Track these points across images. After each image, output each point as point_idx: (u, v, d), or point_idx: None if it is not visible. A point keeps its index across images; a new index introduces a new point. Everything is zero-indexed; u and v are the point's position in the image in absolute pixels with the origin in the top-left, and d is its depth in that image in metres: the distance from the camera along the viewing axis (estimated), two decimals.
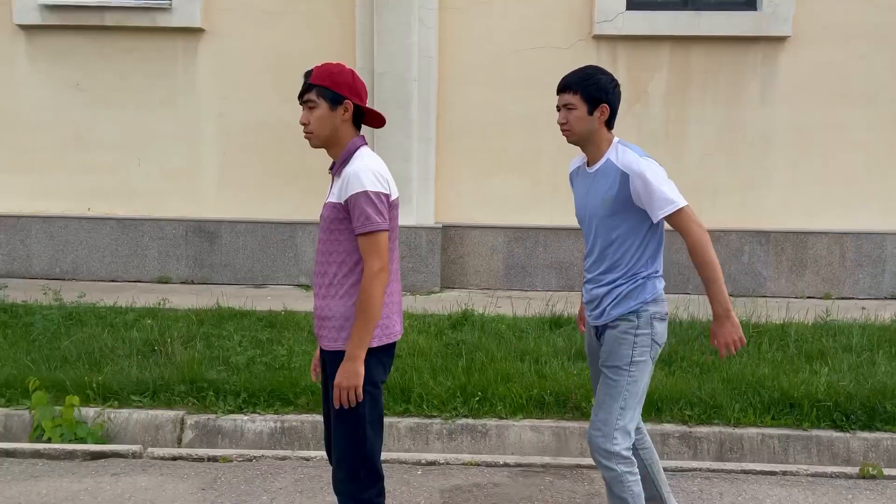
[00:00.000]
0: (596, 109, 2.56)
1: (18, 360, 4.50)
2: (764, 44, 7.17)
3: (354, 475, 2.27)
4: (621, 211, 2.58)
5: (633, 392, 2.55)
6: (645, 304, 2.57)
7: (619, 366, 2.55)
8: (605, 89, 2.58)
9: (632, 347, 2.55)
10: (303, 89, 2.36)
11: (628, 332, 2.56)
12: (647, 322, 2.57)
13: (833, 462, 3.89)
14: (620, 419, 2.52)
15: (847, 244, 7.22)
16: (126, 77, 7.35)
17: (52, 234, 7.39)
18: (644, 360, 2.57)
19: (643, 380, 2.59)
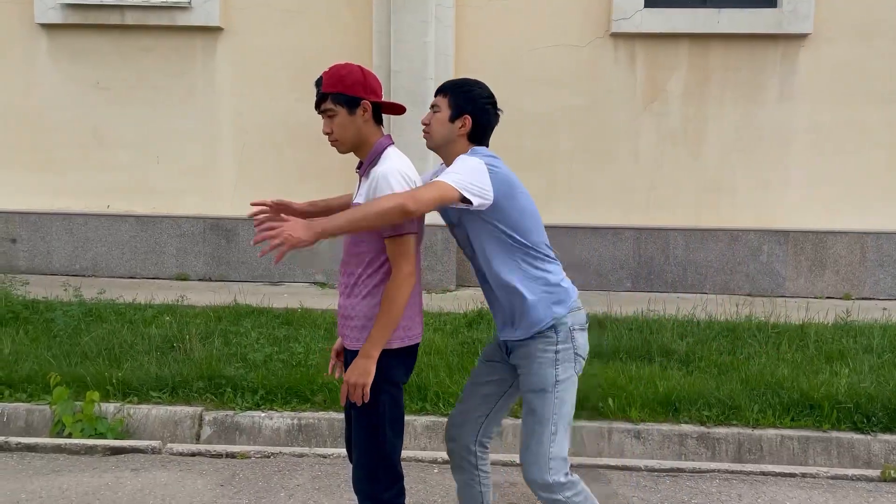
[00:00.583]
0: (458, 119, 2.44)
1: (39, 356, 4.55)
2: (784, 41, 7.10)
3: (373, 474, 2.27)
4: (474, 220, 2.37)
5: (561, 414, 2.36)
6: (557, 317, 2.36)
7: (542, 389, 2.35)
8: (473, 101, 2.44)
9: (553, 366, 2.35)
10: (318, 99, 2.34)
11: (548, 350, 2.35)
12: (566, 335, 2.37)
13: (853, 464, 3.84)
14: (554, 447, 2.33)
15: (867, 244, 7.14)
16: (145, 75, 7.41)
17: (72, 232, 7.47)
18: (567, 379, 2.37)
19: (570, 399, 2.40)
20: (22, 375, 4.27)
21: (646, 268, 7.27)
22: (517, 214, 2.36)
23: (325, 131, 2.34)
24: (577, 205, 7.34)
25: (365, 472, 2.28)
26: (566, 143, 7.31)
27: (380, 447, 2.27)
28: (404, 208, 2.10)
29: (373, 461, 2.27)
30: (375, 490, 2.26)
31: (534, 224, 2.41)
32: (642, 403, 4.12)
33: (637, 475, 3.58)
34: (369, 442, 2.28)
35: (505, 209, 2.33)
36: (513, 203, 2.35)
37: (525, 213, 2.39)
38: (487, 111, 2.47)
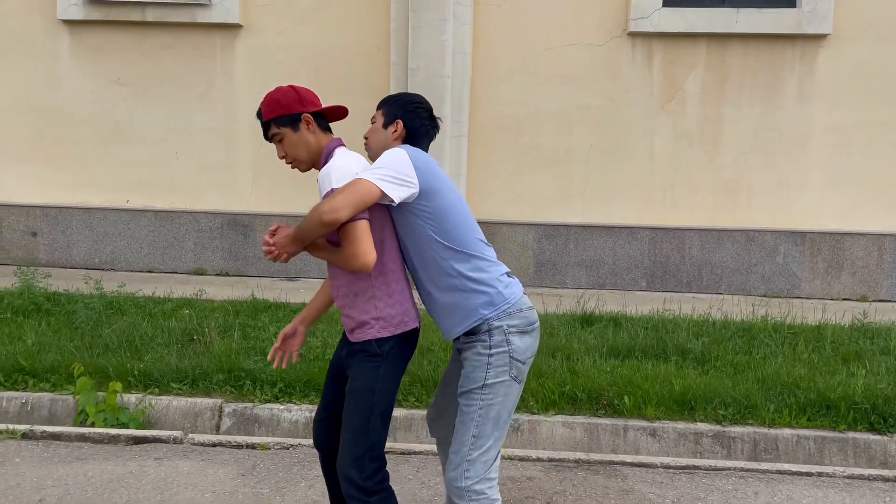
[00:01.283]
0: (391, 125, 2.45)
1: (62, 347, 4.63)
2: (802, 42, 7.08)
3: (359, 461, 2.30)
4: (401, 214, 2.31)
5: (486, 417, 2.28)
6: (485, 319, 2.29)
7: (470, 390, 2.30)
8: (402, 106, 2.46)
9: (484, 369, 2.29)
10: (263, 130, 2.42)
11: (481, 353, 2.29)
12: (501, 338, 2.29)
13: (870, 465, 3.84)
14: (474, 450, 2.26)
15: (885, 246, 7.10)
16: (165, 72, 7.49)
17: (92, 226, 7.57)
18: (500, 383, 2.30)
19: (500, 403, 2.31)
20: (45, 366, 4.34)
21: (661, 267, 7.27)
22: (443, 209, 2.28)
23: (280, 156, 2.42)
24: (593, 203, 7.36)
25: (351, 459, 2.30)
26: (583, 142, 7.32)
27: (368, 435, 2.31)
28: (322, 220, 2.14)
29: (360, 448, 2.30)
30: (360, 477, 2.28)
31: (461, 220, 2.32)
32: (658, 401, 4.13)
33: (653, 472, 3.60)
34: (359, 430, 2.31)
35: (430, 202, 2.27)
36: (438, 197, 2.28)
37: (452, 208, 2.30)
38: (419, 115, 2.46)
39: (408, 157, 2.24)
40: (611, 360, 4.73)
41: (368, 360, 2.34)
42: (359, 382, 2.35)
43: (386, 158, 2.25)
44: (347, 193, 2.15)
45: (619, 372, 4.44)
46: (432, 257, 2.30)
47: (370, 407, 2.32)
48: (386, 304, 2.34)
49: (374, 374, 2.34)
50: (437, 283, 2.32)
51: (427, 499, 3.22)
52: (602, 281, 7.32)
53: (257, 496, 3.19)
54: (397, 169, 2.21)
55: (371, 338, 2.34)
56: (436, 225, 2.28)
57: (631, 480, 3.48)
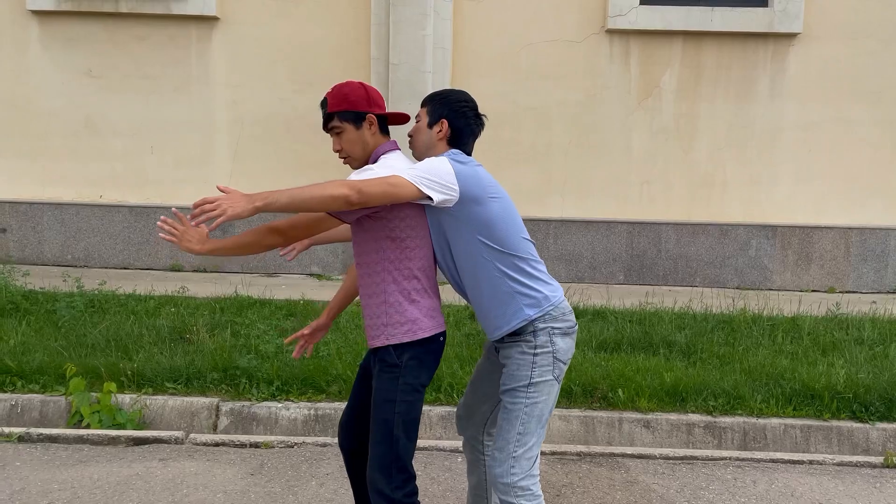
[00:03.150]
0: (436, 124, 2.43)
1: (48, 347, 4.52)
2: (774, 40, 7.28)
3: (387, 472, 2.29)
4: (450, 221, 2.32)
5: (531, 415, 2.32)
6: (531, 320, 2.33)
7: (515, 388, 2.34)
8: (448, 104, 2.44)
9: (530, 368, 2.33)
10: (325, 119, 2.39)
11: (526, 353, 2.34)
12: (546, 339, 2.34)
13: (853, 451, 4.01)
14: (519, 447, 2.30)
15: (852, 239, 7.37)
16: (139, 64, 7.33)
17: (64, 221, 7.38)
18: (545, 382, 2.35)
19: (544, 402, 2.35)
20: (33, 367, 4.24)
21: (638, 261, 7.42)
22: (489, 214, 2.29)
23: (336, 149, 2.39)
24: (571, 198, 7.46)
25: (379, 471, 2.30)
26: (561, 138, 7.41)
27: (392, 446, 2.30)
28: (348, 199, 2.08)
29: (387, 459, 2.30)
30: (389, 489, 2.28)
31: (508, 224, 2.33)
32: (650, 394, 4.23)
33: (654, 463, 3.69)
34: (384, 439, 2.31)
35: (476, 208, 2.28)
36: (485, 202, 2.29)
37: (499, 212, 2.32)
38: (464, 114, 2.44)
39: (450, 166, 2.26)
40: (601, 353, 4.82)
41: (388, 370, 2.32)
42: (379, 393, 2.33)
43: (423, 163, 2.27)
44: (379, 181, 2.14)
45: (611, 365, 4.53)
46: (480, 260, 2.31)
47: (391, 419, 2.30)
48: (396, 311, 2.30)
49: (394, 386, 2.30)
50: (484, 286, 2.33)
51: (439, 494, 3.26)
52: (581, 275, 7.43)
53: (270, 495, 3.19)
54: (437, 174, 2.22)
55: (382, 344, 2.32)
56: (482, 230, 2.29)
57: (633, 472, 3.57)
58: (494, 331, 2.37)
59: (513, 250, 2.32)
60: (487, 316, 2.38)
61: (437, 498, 3.23)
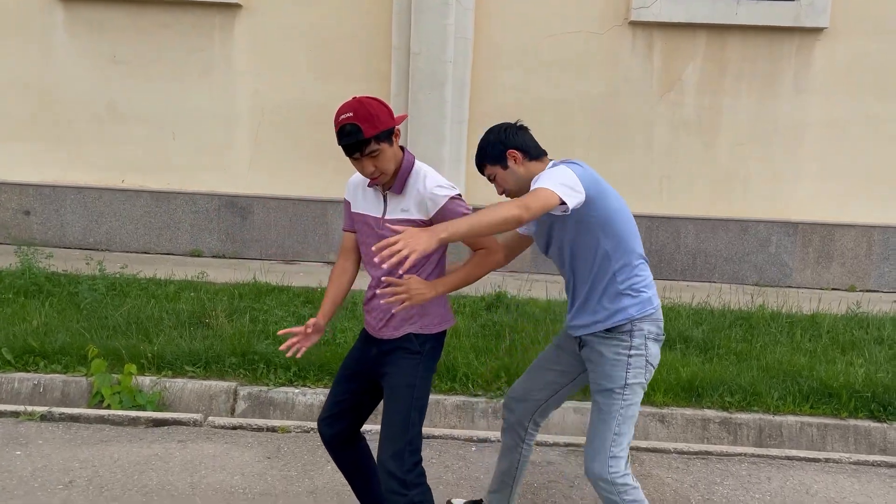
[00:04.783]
0: (507, 160, 2.51)
1: (70, 329, 4.60)
2: (800, 34, 7.18)
3: (399, 455, 2.33)
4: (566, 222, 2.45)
5: (626, 416, 2.45)
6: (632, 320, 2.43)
7: (611, 389, 2.44)
8: (497, 141, 2.52)
9: (625, 369, 2.43)
10: (361, 145, 2.27)
11: (621, 353, 2.43)
12: (642, 341, 2.44)
13: (870, 451, 3.98)
14: (615, 446, 2.42)
15: (874, 237, 7.28)
16: (162, 51, 7.38)
17: (87, 205, 7.47)
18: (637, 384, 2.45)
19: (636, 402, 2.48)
20: (56, 347, 4.31)
21: (656, 255, 7.38)
22: (609, 213, 2.41)
23: (370, 172, 2.32)
24: None
25: (392, 454, 2.34)
26: (582, 130, 7.37)
27: (408, 429, 2.35)
28: (520, 219, 2.16)
29: (400, 443, 2.34)
30: (401, 471, 2.32)
31: (624, 225, 2.45)
32: (666, 388, 4.23)
33: (668, 457, 3.70)
34: (401, 423, 2.35)
35: (597, 207, 2.38)
36: (604, 202, 2.40)
37: (617, 213, 2.43)
38: (512, 134, 2.53)
39: (573, 172, 2.35)
40: None
41: (409, 356, 2.40)
42: (399, 378, 2.39)
43: (553, 173, 2.34)
44: (537, 196, 2.21)
45: None
46: (597, 257, 2.42)
47: (410, 403, 2.37)
48: (433, 302, 2.40)
49: (415, 371, 2.39)
50: (596, 281, 2.44)
51: (453, 482, 3.29)
52: None
53: (286, 479, 3.23)
54: (570, 182, 2.30)
55: (413, 332, 2.40)
56: (604, 227, 2.40)
57: (648, 465, 3.57)
58: (593, 324, 2.46)
59: (628, 249, 2.45)
60: (587, 311, 2.48)
61: (450, 485, 3.25)
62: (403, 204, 2.39)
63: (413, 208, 2.38)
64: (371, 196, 2.47)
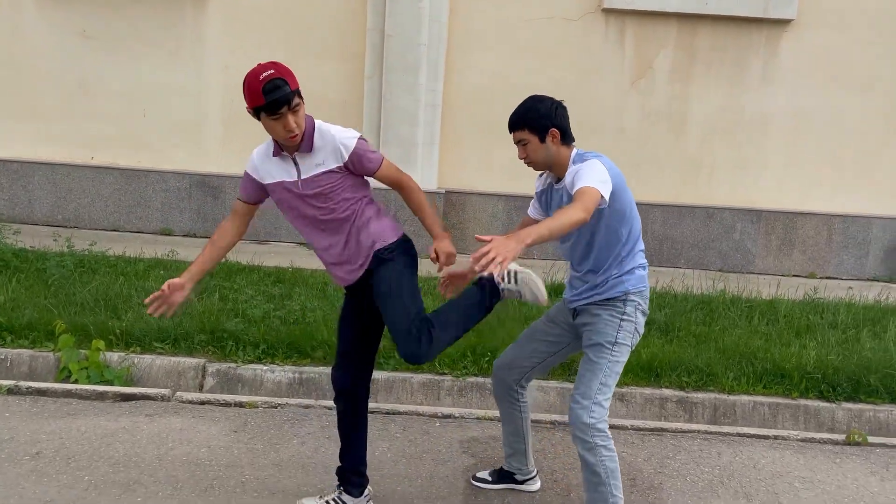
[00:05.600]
0: (547, 136, 2.66)
1: (38, 304, 4.59)
2: (768, 26, 7.32)
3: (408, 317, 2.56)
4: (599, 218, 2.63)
5: (612, 371, 2.67)
6: (627, 293, 2.68)
7: (602, 343, 2.67)
8: (547, 115, 2.66)
9: (616, 329, 2.68)
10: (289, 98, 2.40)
11: (615, 315, 2.68)
12: (633, 311, 2.69)
13: (819, 430, 4.15)
14: (599, 394, 2.62)
15: (835, 226, 7.49)
16: (134, 26, 7.31)
17: (55, 182, 7.40)
18: (624, 345, 2.70)
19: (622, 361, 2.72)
20: (23, 323, 4.32)
21: None
22: (625, 206, 2.64)
23: (291, 128, 2.45)
24: None
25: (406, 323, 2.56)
26: None
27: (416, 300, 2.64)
28: (585, 220, 2.39)
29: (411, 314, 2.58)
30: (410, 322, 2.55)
31: (635, 213, 2.71)
32: (627, 369, 4.33)
33: (625, 433, 3.82)
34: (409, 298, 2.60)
35: (618, 201, 2.59)
36: (624, 193, 2.62)
37: (632, 203, 2.68)
38: (561, 114, 2.68)
39: (603, 165, 2.56)
40: None
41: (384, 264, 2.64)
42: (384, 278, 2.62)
43: (593, 171, 2.51)
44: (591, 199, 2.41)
45: None
46: (610, 244, 2.66)
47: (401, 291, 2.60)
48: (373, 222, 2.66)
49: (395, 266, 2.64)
50: (605, 264, 2.68)
51: (416, 455, 3.38)
52: None
53: (252, 451, 3.30)
54: (604, 176, 2.51)
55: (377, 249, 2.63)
56: (620, 217, 2.63)
57: None
58: (594, 296, 2.73)
59: (636, 234, 2.72)
60: (590, 287, 2.73)
61: (414, 458, 3.35)
62: (317, 159, 2.56)
63: (329, 159, 2.55)
64: (280, 164, 2.60)
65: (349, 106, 7.34)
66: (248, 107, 2.48)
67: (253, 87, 2.39)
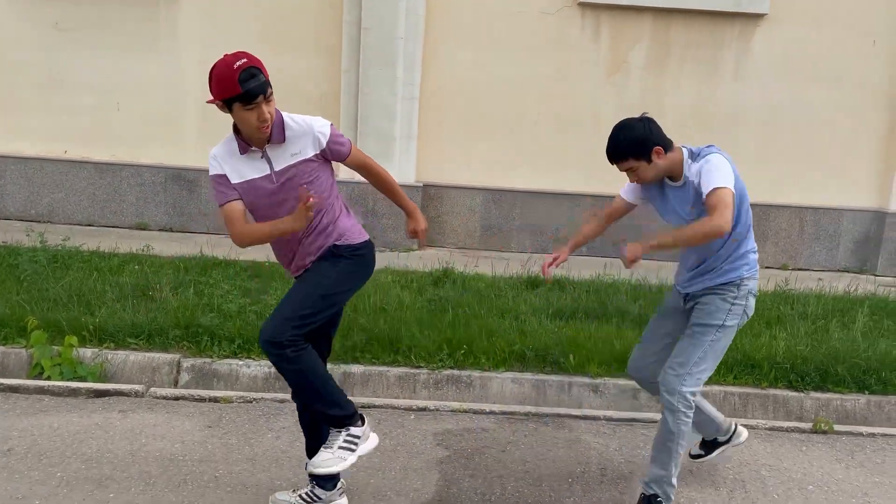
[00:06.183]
0: (652, 155, 2.79)
1: (9, 300, 4.55)
2: (741, 20, 7.40)
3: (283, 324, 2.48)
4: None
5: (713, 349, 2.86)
6: (742, 279, 2.87)
7: (709, 324, 2.85)
8: (645, 138, 2.79)
9: (726, 313, 2.85)
10: (264, 87, 2.38)
11: (727, 300, 2.86)
12: (745, 294, 2.87)
13: (787, 419, 4.23)
14: (695, 367, 2.84)
15: (807, 218, 7.61)
16: (107, 19, 7.23)
17: (28, 176, 7.32)
18: (731, 327, 2.87)
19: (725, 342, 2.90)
20: None
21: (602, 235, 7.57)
22: (741, 194, 2.78)
23: (265, 118, 2.41)
24: (540, 170, 7.57)
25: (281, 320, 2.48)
26: (532, 110, 7.49)
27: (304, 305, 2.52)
28: (724, 230, 2.57)
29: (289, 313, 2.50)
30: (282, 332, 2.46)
31: (746, 200, 2.85)
32: (600, 360, 4.40)
33: (597, 423, 3.88)
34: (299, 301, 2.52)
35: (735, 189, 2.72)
36: (740, 184, 2.77)
37: (743, 192, 2.81)
38: (659, 134, 2.82)
39: (724, 160, 2.73)
40: (556, 321, 4.98)
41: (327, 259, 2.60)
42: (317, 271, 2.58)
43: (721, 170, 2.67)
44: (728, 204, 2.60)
45: (565, 332, 4.69)
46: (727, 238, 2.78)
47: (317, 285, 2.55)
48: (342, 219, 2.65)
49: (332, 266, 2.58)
50: (721, 251, 2.82)
51: (390, 448, 3.41)
52: (545, 246, 7.58)
53: (226, 446, 3.30)
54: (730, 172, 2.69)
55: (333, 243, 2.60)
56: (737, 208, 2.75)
57: (577, 431, 3.75)
58: (709, 281, 2.88)
59: (749, 222, 2.86)
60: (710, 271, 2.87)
61: (388, 452, 3.37)
62: (292, 149, 2.51)
63: (308, 148, 2.51)
64: (248, 162, 2.52)
65: (326, 99, 7.32)
66: (215, 98, 2.39)
67: (226, 76, 2.32)
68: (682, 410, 2.83)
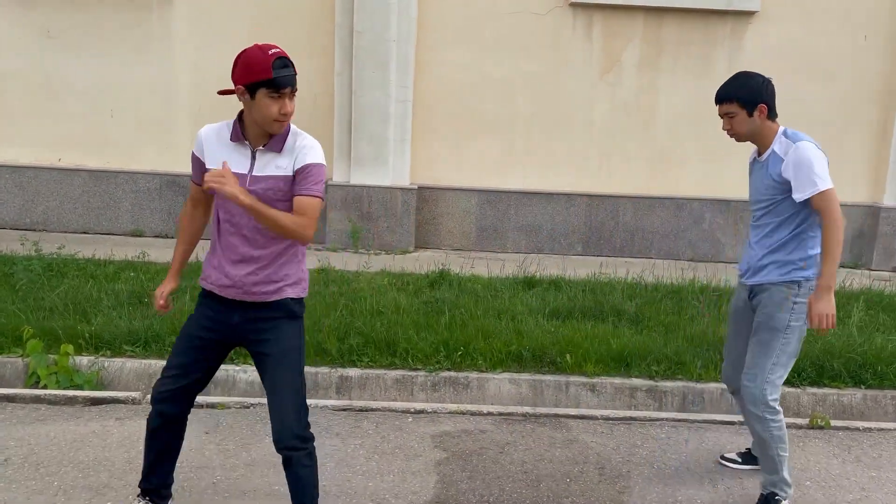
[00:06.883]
0: (755, 110, 2.84)
1: (5, 310, 4.54)
2: (733, 18, 7.42)
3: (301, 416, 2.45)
4: (785, 192, 2.84)
5: (784, 352, 2.89)
6: (808, 279, 2.87)
7: (775, 328, 2.88)
8: (758, 91, 2.85)
9: (789, 313, 2.86)
10: (293, 80, 2.32)
11: (789, 298, 2.87)
12: (807, 293, 2.86)
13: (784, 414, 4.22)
14: (771, 374, 2.88)
15: None
16: (99, 25, 7.22)
17: (22, 185, 7.30)
18: (797, 326, 2.88)
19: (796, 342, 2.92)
20: None
21: (596, 233, 7.60)
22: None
23: (288, 111, 2.33)
24: (533, 170, 7.58)
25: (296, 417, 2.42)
26: (524, 109, 7.50)
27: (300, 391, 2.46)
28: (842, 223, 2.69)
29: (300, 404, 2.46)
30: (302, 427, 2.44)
31: None
32: (597, 359, 4.41)
33: (594, 423, 3.88)
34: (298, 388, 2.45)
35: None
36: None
37: None
38: (770, 93, 2.86)
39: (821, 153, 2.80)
40: (553, 320, 4.99)
41: (292, 321, 2.48)
42: (287, 342, 2.46)
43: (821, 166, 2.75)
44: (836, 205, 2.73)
45: (561, 332, 4.70)
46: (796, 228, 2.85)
47: (299, 365, 2.48)
48: (301, 269, 2.51)
49: (299, 333, 2.50)
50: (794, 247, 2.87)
51: (388, 451, 3.41)
52: (540, 245, 7.59)
53: (224, 452, 3.30)
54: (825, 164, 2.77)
55: (290, 297, 2.45)
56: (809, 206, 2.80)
57: (574, 431, 3.76)
58: (775, 278, 2.91)
59: (815, 224, 2.86)
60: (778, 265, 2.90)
61: (386, 454, 3.37)
62: (281, 162, 2.37)
63: (292, 166, 2.37)
64: (234, 151, 2.40)
65: (320, 103, 7.33)
66: (238, 82, 2.29)
67: (259, 61, 2.25)
68: (769, 418, 2.89)
